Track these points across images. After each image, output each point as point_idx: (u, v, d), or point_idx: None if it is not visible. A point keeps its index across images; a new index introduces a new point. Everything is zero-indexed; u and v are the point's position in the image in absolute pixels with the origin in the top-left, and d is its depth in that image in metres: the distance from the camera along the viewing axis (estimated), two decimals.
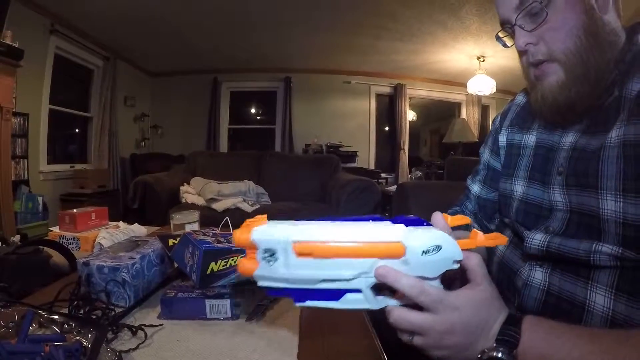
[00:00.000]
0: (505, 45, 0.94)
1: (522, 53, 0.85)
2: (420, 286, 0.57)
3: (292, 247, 0.57)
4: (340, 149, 6.87)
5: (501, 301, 0.63)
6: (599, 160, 0.72)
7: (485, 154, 1.14)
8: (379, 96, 7.82)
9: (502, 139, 1.06)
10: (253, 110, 8.29)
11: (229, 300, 0.92)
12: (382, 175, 6.90)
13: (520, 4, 0.80)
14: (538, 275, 0.82)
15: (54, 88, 4.91)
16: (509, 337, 0.58)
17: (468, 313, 0.59)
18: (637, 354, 0.53)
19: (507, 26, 0.86)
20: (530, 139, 0.96)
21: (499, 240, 0.63)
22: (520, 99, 1.07)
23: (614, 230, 0.69)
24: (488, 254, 1.04)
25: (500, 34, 0.92)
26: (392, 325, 0.61)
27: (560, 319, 0.65)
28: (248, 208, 3.76)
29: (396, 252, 0.57)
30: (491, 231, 1.08)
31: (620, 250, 0.68)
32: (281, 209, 3.86)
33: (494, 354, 0.57)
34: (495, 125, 1.12)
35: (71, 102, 5.58)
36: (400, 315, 0.59)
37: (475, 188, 1.15)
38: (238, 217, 3.55)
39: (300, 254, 0.57)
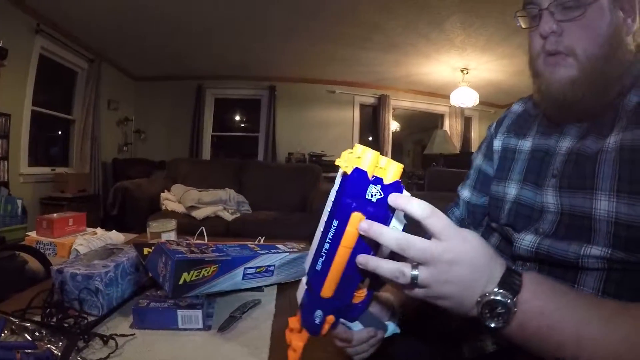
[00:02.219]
0: (520, 25, 0.92)
1: (540, 37, 0.84)
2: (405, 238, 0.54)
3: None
4: (323, 158, 6.87)
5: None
6: (596, 163, 0.75)
7: (478, 159, 1.15)
8: (362, 106, 7.86)
9: (497, 144, 1.06)
10: (237, 118, 8.26)
11: (200, 311, 0.93)
12: None
13: None
14: None
15: (37, 89, 4.83)
16: (511, 283, 0.55)
17: (475, 244, 0.57)
18: (635, 329, 0.52)
19: (534, 7, 0.85)
20: (526, 144, 0.97)
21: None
22: (517, 107, 1.08)
23: (606, 229, 0.71)
24: None
25: (519, 14, 0.91)
26: (397, 253, 0.55)
27: None
28: (228, 217, 3.76)
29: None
30: None
31: (609, 252, 0.69)
32: (262, 219, 3.86)
33: (495, 297, 0.54)
34: (491, 132, 1.13)
35: (54, 103, 5.50)
36: (408, 239, 0.54)
37: (465, 193, 1.15)
38: (218, 226, 3.56)
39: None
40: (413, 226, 0.58)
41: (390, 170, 0.56)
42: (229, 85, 7.48)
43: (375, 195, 0.55)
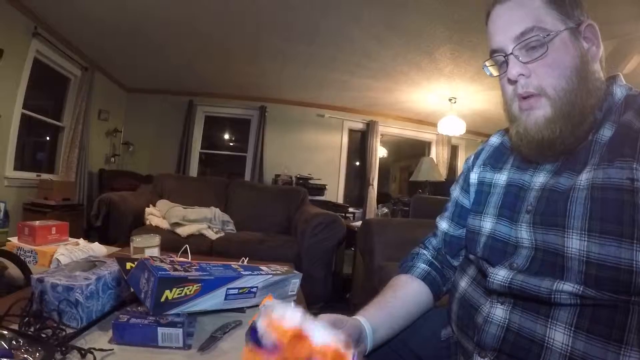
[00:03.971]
0: (490, 74, 0.97)
1: (510, 82, 0.88)
2: None
3: None
4: (310, 181, 6.88)
5: None
6: (568, 201, 0.76)
7: (456, 192, 1.17)
8: (351, 131, 7.90)
9: (474, 177, 1.09)
10: (226, 137, 8.25)
11: (181, 330, 0.92)
12: (350, 209, 6.90)
13: (521, 35, 0.84)
14: (499, 312, 0.83)
15: (28, 92, 4.75)
16: None
17: None
18: None
19: (500, 54, 0.89)
20: (502, 177, 0.98)
21: None
22: (494, 140, 1.11)
23: (577, 268, 0.72)
24: (451, 291, 1.07)
25: (488, 63, 0.96)
26: None
27: (518, 355, 0.67)
28: (212, 235, 3.72)
29: None
30: (454, 267, 1.12)
31: (581, 289, 0.70)
32: (246, 239, 3.83)
33: None
34: (468, 164, 1.15)
35: (44, 109, 5.43)
36: None
37: (444, 225, 1.16)
38: (202, 244, 3.52)
39: None
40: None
41: None
42: (220, 103, 7.49)
43: None
